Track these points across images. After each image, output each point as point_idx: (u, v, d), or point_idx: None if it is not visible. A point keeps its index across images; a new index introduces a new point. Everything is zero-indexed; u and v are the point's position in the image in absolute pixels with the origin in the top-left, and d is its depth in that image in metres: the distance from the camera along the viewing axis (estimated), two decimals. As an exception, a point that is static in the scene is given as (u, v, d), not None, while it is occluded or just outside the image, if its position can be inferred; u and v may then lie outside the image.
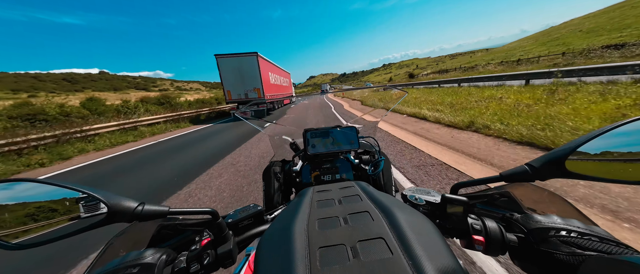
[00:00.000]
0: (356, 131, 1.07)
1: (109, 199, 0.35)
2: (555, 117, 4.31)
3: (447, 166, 3.24)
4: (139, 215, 0.36)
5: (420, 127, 5.99)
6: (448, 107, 7.49)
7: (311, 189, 0.54)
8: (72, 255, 2.11)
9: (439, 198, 0.52)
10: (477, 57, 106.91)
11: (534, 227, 0.38)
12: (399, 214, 0.35)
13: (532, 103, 5.99)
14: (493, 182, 0.44)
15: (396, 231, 0.31)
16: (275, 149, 1.28)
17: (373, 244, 0.30)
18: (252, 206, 0.57)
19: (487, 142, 4.09)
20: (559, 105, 5.30)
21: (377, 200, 0.42)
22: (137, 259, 0.36)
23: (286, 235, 0.34)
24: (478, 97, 8.53)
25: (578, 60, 16.41)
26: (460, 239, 0.46)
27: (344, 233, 0.34)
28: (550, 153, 0.39)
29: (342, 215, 0.38)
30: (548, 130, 3.73)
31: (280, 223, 0.40)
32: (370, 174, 0.97)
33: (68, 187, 0.35)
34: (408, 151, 4.15)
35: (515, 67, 24.77)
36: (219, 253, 0.45)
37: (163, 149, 6.97)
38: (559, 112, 4.65)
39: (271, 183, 0.99)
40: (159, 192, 3.48)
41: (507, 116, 5.10)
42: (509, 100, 6.95)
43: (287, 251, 0.30)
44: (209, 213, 0.44)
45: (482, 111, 6.03)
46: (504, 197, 0.48)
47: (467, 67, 45.90)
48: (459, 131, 5.10)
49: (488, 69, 29.94)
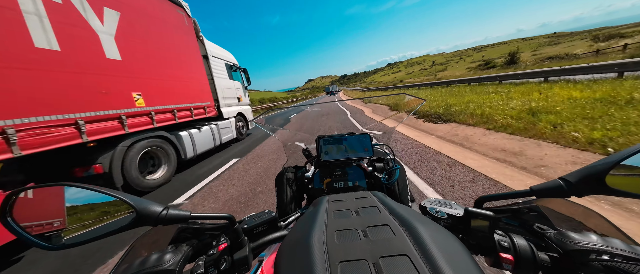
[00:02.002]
0: (370, 138, 1.04)
1: (137, 204, 0.37)
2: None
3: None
4: (163, 219, 0.38)
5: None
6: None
7: (326, 198, 0.53)
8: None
9: (461, 211, 0.49)
10: (501, 48, 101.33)
11: (572, 248, 0.35)
12: (421, 230, 0.33)
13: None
14: (523, 197, 0.41)
15: (421, 248, 0.30)
16: (288, 156, 1.27)
17: (396, 261, 0.29)
18: (266, 212, 0.57)
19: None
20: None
21: (396, 213, 0.40)
22: (158, 262, 0.38)
23: (305, 247, 0.33)
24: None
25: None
26: (485, 256, 0.43)
27: (365, 247, 0.32)
28: (587, 167, 0.36)
29: (361, 227, 0.37)
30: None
31: (297, 233, 0.39)
32: (385, 182, 0.94)
33: (103, 192, 0.38)
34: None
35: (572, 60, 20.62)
36: (236, 258, 0.46)
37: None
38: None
39: (284, 189, 0.99)
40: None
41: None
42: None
43: (308, 264, 0.30)
44: (227, 219, 0.45)
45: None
46: (533, 212, 0.45)
47: (502, 62, 42.19)
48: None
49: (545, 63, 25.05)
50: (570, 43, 58.77)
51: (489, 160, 3.31)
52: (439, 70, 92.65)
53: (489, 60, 49.36)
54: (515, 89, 8.32)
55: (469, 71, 49.05)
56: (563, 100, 5.07)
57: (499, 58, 56.38)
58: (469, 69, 63.29)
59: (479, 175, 2.84)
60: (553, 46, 63.13)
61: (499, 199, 0.43)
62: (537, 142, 3.43)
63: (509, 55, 38.58)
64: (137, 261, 0.38)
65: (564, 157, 2.89)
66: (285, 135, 1.56)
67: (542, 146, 3.30)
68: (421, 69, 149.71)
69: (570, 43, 58.77)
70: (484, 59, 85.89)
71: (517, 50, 41.62)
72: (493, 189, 2.49)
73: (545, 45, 75.54)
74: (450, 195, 2.48)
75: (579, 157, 2.80)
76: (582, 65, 9.55)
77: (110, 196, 0.38)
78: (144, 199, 0.38)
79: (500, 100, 6.37)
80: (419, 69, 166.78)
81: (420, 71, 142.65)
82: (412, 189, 2.09)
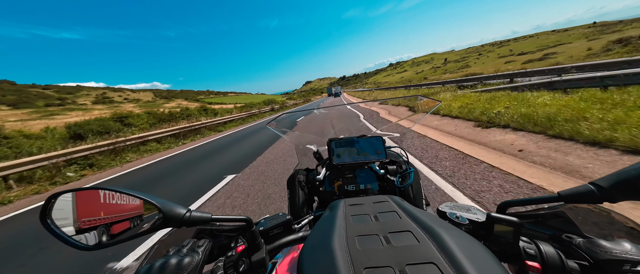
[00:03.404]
0: (383, 140, 1.03)
1: (163, 206, 0.38)
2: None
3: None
4: (187, 221, 0.39)
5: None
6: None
7: (342, 202, 0.52)
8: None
9: (482, 217, 0.47)
10: (529, 42, 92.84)
11: (603, 258, 0.33)
12: (446, 236, 0.32)
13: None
14: (549, 202, 0.40)
15: (447, 255, 0.29)
16: (300, 158, 1.27)
17: (423, 269, 0.28)
18: (280, 214, 0.57)
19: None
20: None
21: (417, 218, 0.39)
22: (180, 263, 0.39)
23: (328, 252, 0.32)
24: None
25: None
26: (509, 264, 0.42)
27: (388, 254, 0.31)
28: (622, 171, 0.35)
29: (382, 233, 0.36)
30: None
31: (318, 237, 0.39)
32: (399, 186, 0.93)
33: (132, 195, 0.40)
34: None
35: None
36: (253, 260, 0.47)
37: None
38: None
39: (296, 191, 0.99)
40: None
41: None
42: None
43: (333, 270, 0.29)
44: (244, 221, 0.46)
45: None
46: (558, 218, 0.43)
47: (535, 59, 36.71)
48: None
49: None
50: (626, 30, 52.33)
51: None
52: (458, 67, 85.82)
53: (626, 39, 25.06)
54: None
55: (504, 64, 41.59)
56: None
57: (538, 50, 51.22)
58: (508, 61, 49.80)
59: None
60: (608, 34, 56.38)
61: (524, 204, 0.41)
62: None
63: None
64: (160, 262, 0.39)
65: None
66: (296, 137, 1.61)
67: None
68: (433, 68, 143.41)
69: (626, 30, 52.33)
70: (511, 53, 77.75)
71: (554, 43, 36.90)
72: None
73: (596, 34, 68.39)
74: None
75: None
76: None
77: (139, 199, 0.40)
78: (168, 202, 0.40)
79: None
80: (430, 67, 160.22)
81: (431, 69, 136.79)
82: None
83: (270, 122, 1.37)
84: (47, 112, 53.83)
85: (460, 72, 46.35)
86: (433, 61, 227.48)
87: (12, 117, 27.23)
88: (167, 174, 5.76)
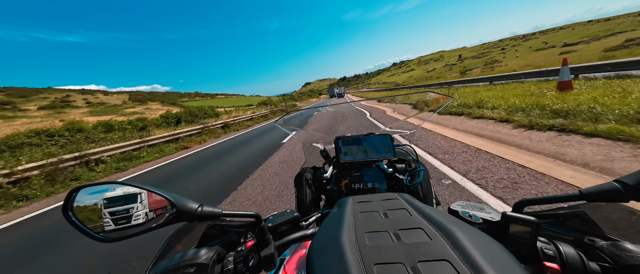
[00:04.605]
0: (391, 138, 1.01)
1: (177, 200, 0.40)
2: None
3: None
4: (199, 215, 0.40)
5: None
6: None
7: (350, 199, 0.50)
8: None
9: (496, 216, 0.46)
10: (561, 34, 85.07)
11: (629, 263, 0.31)
12: (459, 234, 0.30)
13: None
14: (570, 201, 0.39)
15: (461, 253, 0.27)
16: (307, 156, 1.29)
17: (436, 266, 0.26)
18: (288, 211, 0.58)
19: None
20: None
21: (429, 216, 0.37)
22: (193, 257, 0.40)
23: (337, 247, 0.31)
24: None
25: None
26: (526, 265, 0.39)
27: (399, 250, 0.29)
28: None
29: (392, 230, 0.34)
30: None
31: (326, 233, 0.38)
32: (407, 184, 0.89)
33: (147, 190, 0.42)
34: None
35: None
36: (263, 255, 0.47)
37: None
38: None
39: (303, 189, 0.96)
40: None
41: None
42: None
43: (342, 266, 0.27)
44: (253, 217, 0.46)
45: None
46: (579, 218, 0.41)
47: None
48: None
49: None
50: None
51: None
52: (483, 62, 75.41)
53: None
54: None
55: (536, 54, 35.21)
56: None
57: (592, 39, 44.20)
58: (564, 52, 41.70)
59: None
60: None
61: (542, 203, 0.41)
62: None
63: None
64: (175, 255, 0.41)
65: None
66: (303, 135, 1.59)
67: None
68: (446, 65, 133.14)
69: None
70: (548, 45, 69.50)
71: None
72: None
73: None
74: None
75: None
76: None
77: (154, 193, 0.42)
78: (181, 197, 0.41)
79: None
80: (442, 65, 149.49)
81: (445, 67, 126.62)
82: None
83: (278, 120, 1.35)
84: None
85: (489, 68, 39.73)
86: (443, 59, 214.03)
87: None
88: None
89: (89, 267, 2.28)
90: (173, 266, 0.39)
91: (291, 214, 0.56)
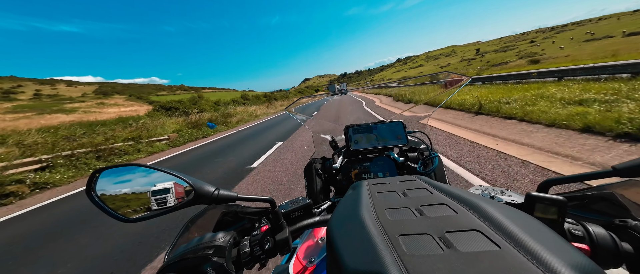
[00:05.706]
0: (403, 125, 0.99)
1: (195, 184, 0.41)
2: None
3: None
4: (216, 198, 0.42)
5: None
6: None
7: (364, 182, 0.47)
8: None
9: (518, 199, 0.46)
10: (607, 25, 77.44)
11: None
12: (487, 206, 0.27)
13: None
14: (601, 178, 0.36)
15: (493, 223, 0.24)
16: (316, 147, 1.27)
17: (467, 236, 0.23)
18: (301, 198, 0.58)
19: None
20: None
21: (451, 192, 0.34)
22: (211, 240, 0.41)
23: (357, 222, 0.29)
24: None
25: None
26: None
27: (424, 223, 0.27)
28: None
29: (413, 206, 0.32)
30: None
31: (344, 211, 0.36)
32: (421, 172, 0.87)
33: (166, 172, 0.43)
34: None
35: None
36: (277, 239, 0.48)
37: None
38: None
39: (313, 179, 0.96)
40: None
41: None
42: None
43: (366, 238, 0.25)
44: (268, 201, 0.47)
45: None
46: (607, 201, 0.40)
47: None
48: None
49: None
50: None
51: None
52: (516, 54, 64.87)
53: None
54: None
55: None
56: None
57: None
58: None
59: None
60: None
61: (569, 181, 0.38)
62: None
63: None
64: (194, 238, 0.43)
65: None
66: (313, 124, 1.56)
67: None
68: (463, 60, 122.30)
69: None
70: (595, 37, 59.26)
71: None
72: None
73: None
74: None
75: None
76: None
77: (173, 176, 0.43)
78: (199, 180, 0.42)
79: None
80: (457, 60, 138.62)
81: (460, 62, 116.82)
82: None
83: (289, 107, 1.32)
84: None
85: (527, 62, 35.14)
86: (456, 54, 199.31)
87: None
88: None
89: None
90: (192, 248, 0.40)
91: (304, 201, 0.57)
